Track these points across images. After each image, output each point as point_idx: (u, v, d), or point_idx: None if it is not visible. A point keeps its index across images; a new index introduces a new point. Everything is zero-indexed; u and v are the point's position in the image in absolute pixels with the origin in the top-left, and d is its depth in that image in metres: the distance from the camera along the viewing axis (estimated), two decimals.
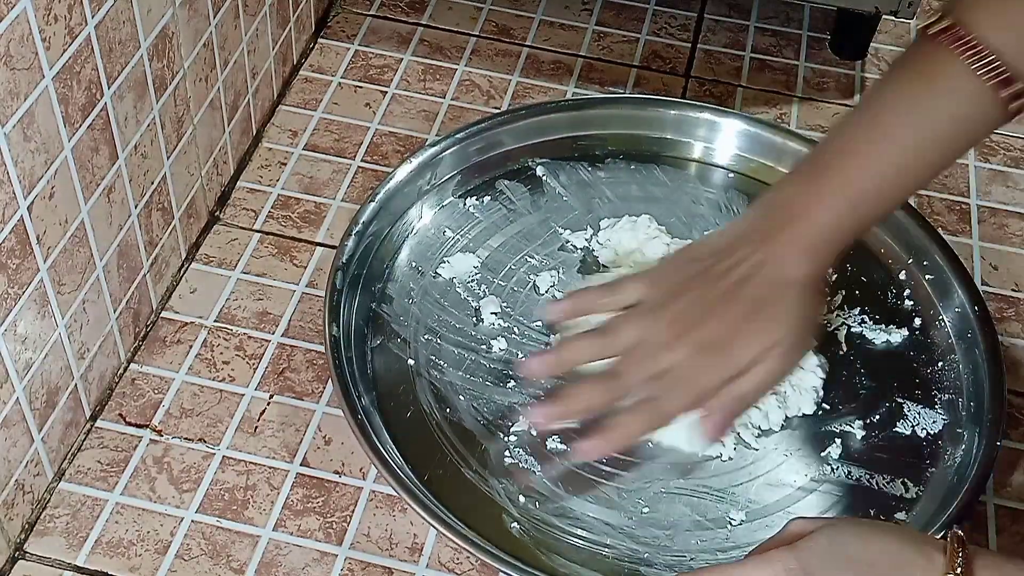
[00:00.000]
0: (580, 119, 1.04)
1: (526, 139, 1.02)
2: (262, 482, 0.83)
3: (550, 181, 1.01)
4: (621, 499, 0.80)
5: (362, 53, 1.17)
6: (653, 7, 1.25)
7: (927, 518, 0.79)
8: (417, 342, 0.88)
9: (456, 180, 0.99)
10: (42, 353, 0.76)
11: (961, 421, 0.85)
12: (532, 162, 1.02)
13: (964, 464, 0.82)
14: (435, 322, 0.90)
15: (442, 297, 0.92)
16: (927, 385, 0.88)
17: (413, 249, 0.95)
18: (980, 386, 0.86)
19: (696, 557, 0.78)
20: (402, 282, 0.92)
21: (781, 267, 0.77)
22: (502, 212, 0.98)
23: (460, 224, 0.97)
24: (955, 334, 0.90)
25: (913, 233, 0.95)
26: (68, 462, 0.83)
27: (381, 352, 0.88)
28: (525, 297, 0.92)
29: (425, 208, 0.97)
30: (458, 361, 0.87)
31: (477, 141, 1.00)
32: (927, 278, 0.94)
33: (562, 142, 1.03)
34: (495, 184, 1.00)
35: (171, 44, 0.85)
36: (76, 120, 0.74)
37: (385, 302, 0.91)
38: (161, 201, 0.89)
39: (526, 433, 0.83)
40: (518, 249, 0.95)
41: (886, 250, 0.96)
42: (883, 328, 0.91)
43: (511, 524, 0.78)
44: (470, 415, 0.84)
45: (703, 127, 1.03)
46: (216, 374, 0.89)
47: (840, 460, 0.83)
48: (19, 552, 0.78)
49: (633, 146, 1.04)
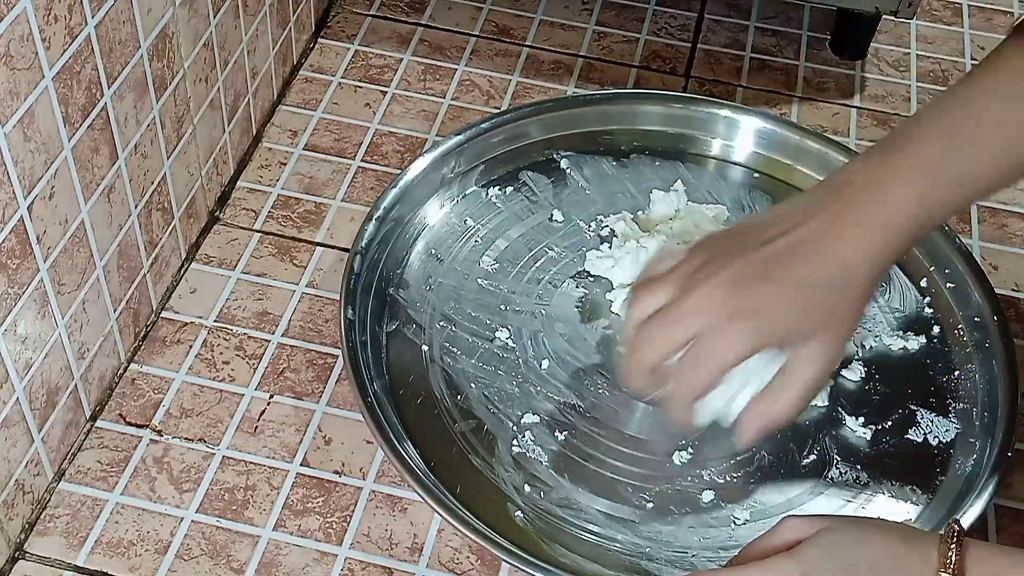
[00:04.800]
0: (607, 113, 1.04)
1: (552, 131, 1.02)
2: (262, 482, 0.83)
3: (574, 174, 1.01)
4: (626, 493, 0.81)
5: (362, 53, 1.17)
6: (653, 7, 1.25)
7: (933, 526, 0.79)
8: (432, 329, 0.89)
9: (480, 169, 0.99)
10: (42, 353, 0.76)
11: (974, 431, 0.85)
12: (557, 154, 1.02)
13: (974, 474, 0.82)
14: (451, 310, 0.90)
15: (459, 285, 0.92)
16: (942, 393, 0.88)
17: (433, 236, 0.95)
18: (995, 397, 0.86)
19: (698, 554, 0.78)
20: (420, 268, 0.93)
21: (842, 244, 0.68)
22: (524, 203, 0.98)
23: (481, 213, 0.97)
24: (973, 344, 0.90)
25: (936, 241, 0.95)
26: (68, 462, 0.83)
27: (396, 337, 0.88)
28: (543, 288, 0.92)
29: (447, 196, 0.97)
30: (472, 349, 0.88)
31: (502, 131, 1.00)
32: (948, 287, 0.93)
33: (588, 135, 1.03)
34: (519, 175, 1.00)
35: (171, 44, 0.85)
36: (76, 120, 0.74)
37: (402, 288, 0.91)
38: (161, 201, 0.89)
39: (535, 423, 0.83)
40: (538, 240, 0.96)
41: (908, 256, 0.96)
42: (900, 335, 0.91)
43: (515, 513, 0.79)
44: (481, 403, 0.84)
45: (722, 124, 1.04)
46: (216, 374, 0.89)
47: (848, 464, 0.83)
48: (19, 552, 0.78)
49: (658, 143, 1.04)
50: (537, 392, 0.86)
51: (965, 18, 1.29)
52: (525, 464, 0.81)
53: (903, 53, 1.24)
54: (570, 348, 0.88)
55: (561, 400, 0.85)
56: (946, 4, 1.31)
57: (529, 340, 0.89)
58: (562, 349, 0.88)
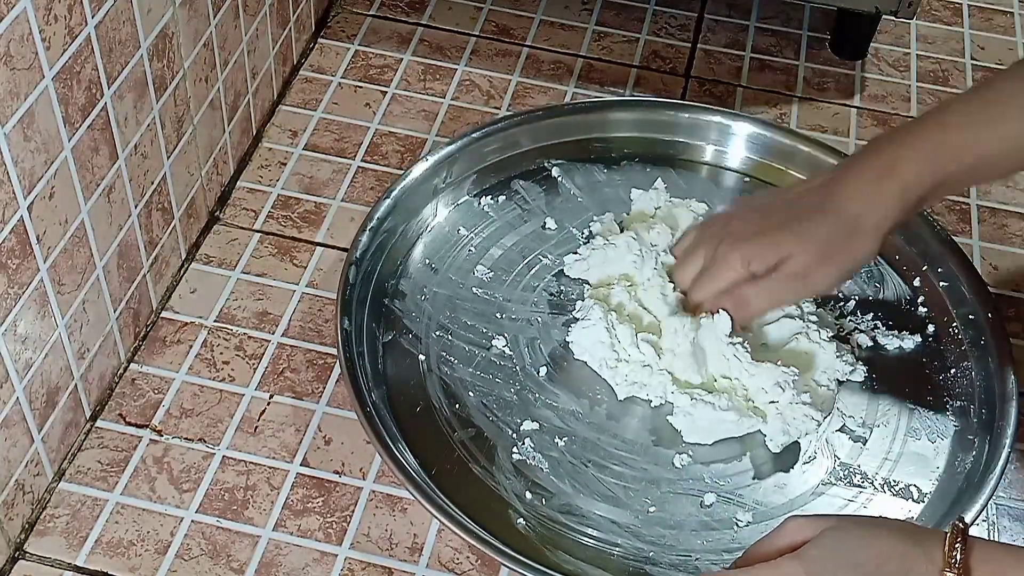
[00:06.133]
0: (597, 121, 1.04)
1: (543, 140, 1.02)
2: (262, 482, 0.83)
3: (565, 182, 1.01)
4: (628, 498, 0.81)
5: (362, 53, 1.17)
6: (653, 7, 1.25)
7: (934, 524, 0.79)
8: (429, 338, 0.89)
9: (472, 179, 0.99)
10: (42, 353, 0.76)
11: (972, 428, 0.85)
12: (548, 163, 1.02)
13: (974, 471, 0.82)
14: (447, 319, 0.90)
15: (455, 294, 0.92)
16: (939, 392, 0.88)
17: (427, 246, 0.95)
18: (992, 394, 0.86)
19: (701, 557, 0.78)
20: (415, 279, 0.93)
21: (847, 199, 0.78)
22: (517, 212, 0.98)
23: (474, 223, 0.97)
24: (968, 341, 0.90)
25: (929, 241, 0.95)
26: (68, 462, 0.83)
27: (392, 347, 0.88)
28: (538, 296, 0.92)
29: (440, 206, 0.97)
30: (469, 358, 0.88)
31: (494, 141, 1.00)
32: (942, 285, 0.94)
33: (579, 144, 1.03)
34: (510, 184, 1.00)
35: (171, 44, 0.85)
36: (76, 120, 0.74)
37: (398, 298, 0.91)
38: (161, 201, 0.89)
39: (535, 430, 0.83)
40: (532, 248, 0.95)
41: (901, 257, 0.96)
42: (896, 334, 0.91)
43: (517, 520, 0.79)
44: (479, 411, 0.84)
45: (714, 130, 1.03)
46: (216, 374, 0.89)
47: (848, 464, 0.83)
48: (19, 552, 0.78)
49: (648, 149, 1.04)
50: (536, 399, 0.85)
51: (965, 18, 1.29)
52: (525, 471, 0.81)
53: (903, 53, 1.24)
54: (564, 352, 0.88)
55: (560, 406, 0.85)
56: (946, 4, 1.31)
57: (526, 347, 0.89)
58: (559, 355, 0.88)
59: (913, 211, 0.79)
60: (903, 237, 0.96)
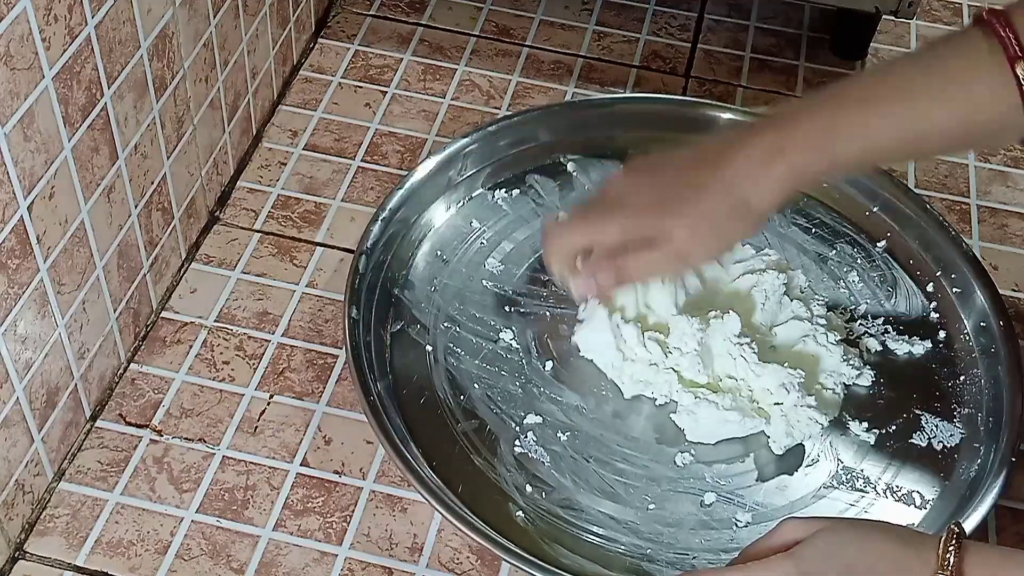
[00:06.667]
0: (613, 116, 1.04)
1: (559, 135, 1.02)
2: (262, 482, 0.83)
3: (580, 177, 1.01)
4: (628, 494, 0.81)
5: (362, 53, 1.17)
6: (653, 7, 1.25)
7: (936, 531, 0.78)
8: (436, 329, 0.89)
9: (486, 172, 0.99)
10: (42, 353, 0.76)
11: (979, 436, 0.85)
12: (564, 158, 1.02)
13: (978, 479, 0.81)
14: (456, 311, 0.90)
15: (464, 286, 0.92)
16: (947, 398, 0.88)
17: (439, 238, 0.95)
18: (1000, 402, 0.85)
19: (699, 556, 0.78)
20: (425, 270, 0.93)
21: (734, 180, 0.75)
22: (530, 206, 0.98)
23: (487, 216, 0.97)
24: (979, 349, 0.90)
25: (943, 246, 0.95)
26: (68, 462, 0.83)
27: (400, 338, 0.88)
28: (547, 290, 0.92)
29: (453, 198, 0.97)
30: (475, 350, 0.88)
31: (509, 134, 1.00)
32: (954, 291, 0.93)
33: (595, 139, 1.03)
34: (525, 178, 1.00)
35: (171, 44, 0.85)
36: (76, 120, 0.74)
37: (407, 288, 0.91)
38: (161, 201, 0.89)
39: (538, 424, 0.83)
40: None
41: (914, 262, 0.96)
42: (906, 339, 0.91)
43: (516, 513, 0.79)
44: (483, 403, 0.85)
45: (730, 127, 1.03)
46: (216, 374, 0.89)
47: (852, 468, 0.83)
48: (19, 552, 0.78)
49: (664, 145, 1.02)
50: (540, 393, 0.85)
51: (965, 18, 1.29)
52: (527, 464, 0.81)
53: (903, 53, 1.23)
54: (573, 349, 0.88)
55: (564, 401, 0.85)
56: (946, 4, 1.31)
57: (533, 341, 0.89)
58: (565, 351, 0.88)
59: (809, 186, 0.77)
60: (918, 243, 0.96)
